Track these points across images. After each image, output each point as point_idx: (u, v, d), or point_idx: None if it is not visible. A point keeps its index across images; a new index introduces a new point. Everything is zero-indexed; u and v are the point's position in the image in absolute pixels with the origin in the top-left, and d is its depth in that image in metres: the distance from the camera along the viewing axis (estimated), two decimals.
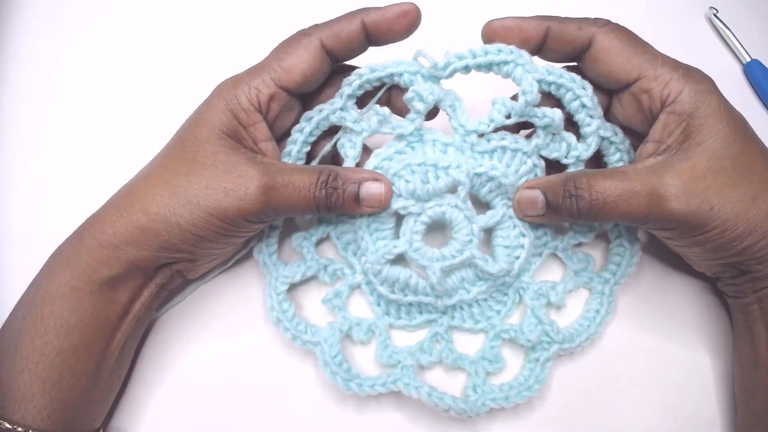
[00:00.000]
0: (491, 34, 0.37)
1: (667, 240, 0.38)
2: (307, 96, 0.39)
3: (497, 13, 0.37)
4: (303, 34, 0.36)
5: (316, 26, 0.36)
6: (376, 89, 0.39)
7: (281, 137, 0.40)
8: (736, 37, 0.51)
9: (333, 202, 0.36)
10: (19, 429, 0.32)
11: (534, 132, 0.39)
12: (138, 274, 0.36)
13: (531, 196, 0.37)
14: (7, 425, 0.32)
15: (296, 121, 0.39)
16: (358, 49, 0.37)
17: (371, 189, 0.36)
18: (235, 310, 0.42)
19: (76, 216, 0.37)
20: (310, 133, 0.39)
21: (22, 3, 0.53)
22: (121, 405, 0.40)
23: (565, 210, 0.36)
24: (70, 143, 0.48)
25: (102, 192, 0.37)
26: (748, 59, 0.50)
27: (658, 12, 0.50)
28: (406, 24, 0.36)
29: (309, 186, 0.35)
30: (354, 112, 0.39)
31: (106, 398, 0.38)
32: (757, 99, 0.50)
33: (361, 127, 0.39)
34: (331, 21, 0.36)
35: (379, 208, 0.37)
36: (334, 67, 0.38)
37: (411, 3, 0.36)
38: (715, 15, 0.52)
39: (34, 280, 0.36)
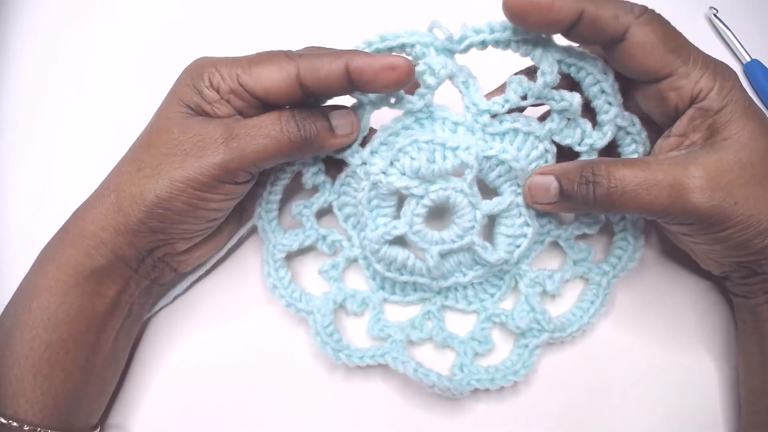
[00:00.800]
0: (518, 8, 0.32)
1: (683, 236, 0.37)
2: None
3: None
4: (286, 54, 0.35)
5: (300, 54, 0.34)
6: None
7: None
8: (736, 37, 0.51)
9: (307, 132, 0.34)
10: (14, 423, 0.32)
11: (548, 115, 0.38)
12: (120, 266, 0.35)
13: (544, 182, 0.36)
14: (2, 420, 0.32)
15: None
16: (338, 90, 0.34)
17: (338, 113, 0.36)
18: (228, 299, 0.43)
19: None
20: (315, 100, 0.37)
21: (22, 3, 0.53)
22: (118, 402, 0.40)
23: (580, 198, 0.34)
24: (70, 143, 0.48)
25: None
26: (748, 59, 0.50)
27: (658, 12, 0.50)
28: (393, 78, 0.33)
29: (274, 123, 0.34)
30: None
31: (101, 394, 0.38)
32: (757, 99, 0.50)
33: (368, 99, 0.37)
34: (317, 55, 0.34)
35: (353, 133, 0.37)
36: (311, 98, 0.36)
37: (401, 57, 0.33)
38: (715, 15, 0.52)
39: (25, 275, 0.36)
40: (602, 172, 0.33)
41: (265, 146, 0.34)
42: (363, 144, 0.39)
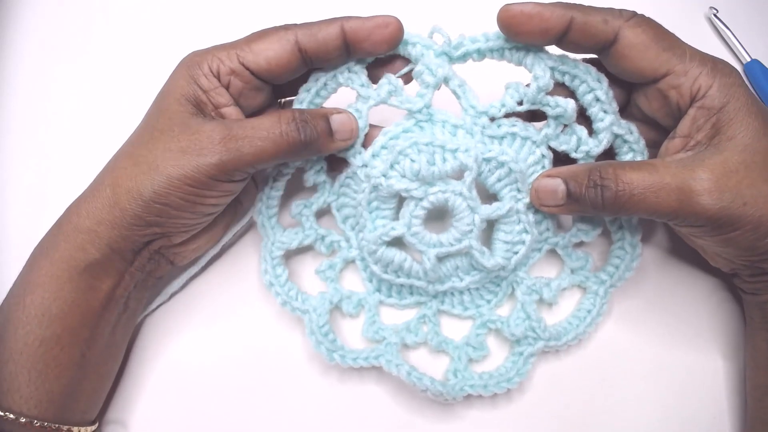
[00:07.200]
0: (509, 20, 0.34)
1: (694, 237, 0.36)
2: (281, 89, 0.39)
3: None
4: (280, 27, 0.36)
5: (295, 24, 0.36)
6: (389, 58, 0.38)
7: (249, 116, 0.38)
8: (736, 37, 0.51)
9: (308, 136, 0.35)
10: (11, 415, 0.32)
11: (545, 122, 0.38)
12: (116, 259, 0.35)
13: (551, 185, 0.36)
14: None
15: (265, 103, 0.39)
16: (335, 55, 0.36)
17: (339, 119, 0.36)
18: (225, 297, 0.43)
19: None
20: (317, 94, 0.38)
21: (22, 3, 0.53)
22: (116, 398, 0.40)
23: (588, 201, 0.34)
24: (70, 143, 0.48)
25: None
26: (748, 59, 0.50)
27: (658, 12, 0.50)
28: (386, 35, 0.35)
29: (273, 125, 0.34)
30: (363, 76, 0.38)
31: (97, 390, 0.38)
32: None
33: (368, 94, 0.38)
34: (313, 22, 0.35)
35: (351, 139, 0.37)
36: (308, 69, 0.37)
37: (393, 16, 0.35)
38: (715, 15, 0.52)
39: (19, 272, 0.36)
40: (610, 175, 0.34)
41: (264, 148, 0.34)
42: (365, 145, 0.39)
